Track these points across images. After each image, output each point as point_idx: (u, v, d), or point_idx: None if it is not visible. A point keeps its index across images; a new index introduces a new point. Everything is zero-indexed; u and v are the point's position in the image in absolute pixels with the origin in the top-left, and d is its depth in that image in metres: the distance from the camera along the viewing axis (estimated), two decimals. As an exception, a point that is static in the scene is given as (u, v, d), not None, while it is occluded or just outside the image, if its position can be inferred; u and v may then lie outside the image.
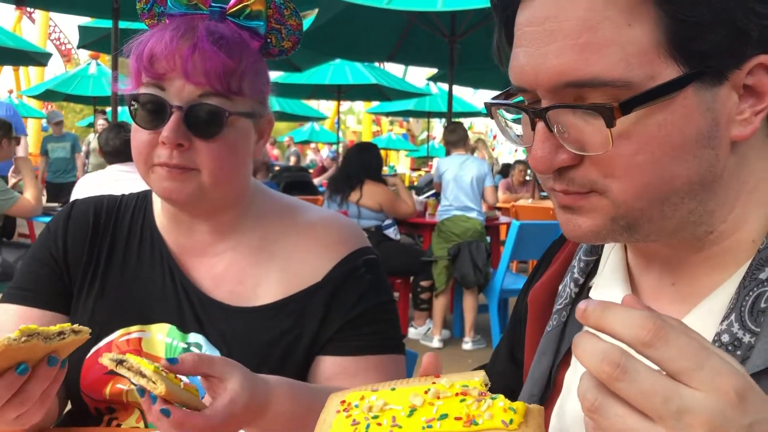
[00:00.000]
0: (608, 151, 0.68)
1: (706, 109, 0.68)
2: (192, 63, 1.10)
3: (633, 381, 0.50)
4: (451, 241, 5.50)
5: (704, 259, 0.77)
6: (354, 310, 1.23)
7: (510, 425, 0.62)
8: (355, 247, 1.27)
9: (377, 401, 0.69)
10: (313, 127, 22.64)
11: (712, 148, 0.70)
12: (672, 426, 0.50)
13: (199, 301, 1.23)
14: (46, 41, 27.91)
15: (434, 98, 15.66)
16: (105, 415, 1.25)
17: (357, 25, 6.94)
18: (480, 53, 7.01)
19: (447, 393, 0.68)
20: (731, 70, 0.68)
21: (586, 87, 0.67)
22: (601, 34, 0.66)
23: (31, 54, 10.27)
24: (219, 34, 1.13)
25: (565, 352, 0.88)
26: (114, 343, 1.22)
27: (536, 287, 0.96)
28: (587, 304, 0.53)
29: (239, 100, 1.16)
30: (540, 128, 0.71)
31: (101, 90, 14.24)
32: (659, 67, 0.66)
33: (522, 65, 0.71)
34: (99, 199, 1.34)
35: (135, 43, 1.15)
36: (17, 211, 4.85)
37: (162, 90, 1.13)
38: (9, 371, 0.87)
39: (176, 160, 1.13)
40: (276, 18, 1.20)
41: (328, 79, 11.84)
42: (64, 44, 32.19)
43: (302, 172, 9.42)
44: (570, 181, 0.72)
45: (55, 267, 1.27)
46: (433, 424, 0.65)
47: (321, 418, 0.73)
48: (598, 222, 0.73)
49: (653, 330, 0.50)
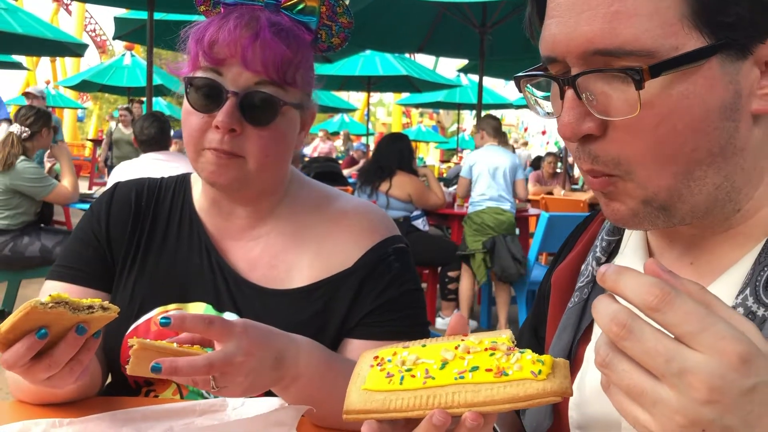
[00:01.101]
0: (632, 120, 0.70)
1: (728, 82, 0.70)
2: (252, 51, 1.13)
3: (637, 341, 0.54)
4: (486, 234, 5.42)
5: (726, 239, 0.78)
6: (382, 297, 1.26)
7: (539, 375, 0.65)
8: (385, 235, 1.31)
9: (410, 356, 0.72)
10: (343, 119, 22.71)
11: (733, 120, 0.71)
12: (674, 384, 0.53)
13: (234, 282, 1.28)
14: (83, 33, 28.38)
15: (464, 90, 15.58)
16: (143, 387, 1.31)
17: (388, 16, 6.94)
18: (511, 44, 6.97)
19: (477, 348, 0.71)
20: (755, 44, 0.70)
21: (614, 55, 0.70)
22: (630, 3, 0.69)
23: (68, 45, 10.45)
24: (280, 25, 1.16)
25: (586, 327, 0.90)
26: (152, 320, 1.27)
27: (560, 268, 0.99)
28: (607, 268, 0.57)
29: (292, 91, 1.20)
30: (569, 96, 0.73)
31: (135, 81, 14.46)
32: (684, 38, 0.68)
33: (554, 34, 0.74)
34: (140, 182, 1.39)
35: (194, 28, 1.18)
36: (55, 197, 4.98)
37: (219, 75, 1.16)
38: (31, 333, 0.91)
39: (227, 146, 1.16)
40: (328, 15, 1.23)
41: (358, 71, 11.85)
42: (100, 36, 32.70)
43: (331, 162, 9.47)
44: (595, 158, 0.75)
45: (98, 247, 1.33)
46: (465, 375, 0.68)
47: (355, 372, 0.76)
48: (632, 206, 0.76)
49: (660, 295, 0.53)
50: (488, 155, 5.67)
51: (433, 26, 7.58)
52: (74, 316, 0.91)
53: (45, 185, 4.88)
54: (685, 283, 0.56)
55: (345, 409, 0.72)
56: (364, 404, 0.71)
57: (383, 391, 0.71)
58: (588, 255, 0.95)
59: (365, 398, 0.71)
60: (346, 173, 10.14)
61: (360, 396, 0.72)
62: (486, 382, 0.67)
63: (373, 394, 0.71)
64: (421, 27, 7.62)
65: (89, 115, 30.91)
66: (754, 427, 0.52)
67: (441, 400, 0.67)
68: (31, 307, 0.87)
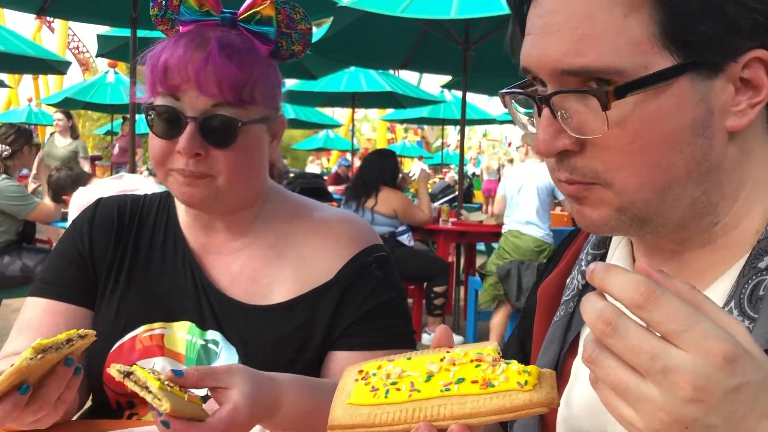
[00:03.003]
0: (605, 137, 0.71)
1: (699, 99, 0.71)
2: (205, 75, 1.14)
3: (622, 338, 0.54)
4: (504, 258, 5.14)
5: (708, 252, 0.79)
6: (365, 306, 1.26)
7: (525, 386, 0.65)
8: (366, 244, 1.31)
9: (395, 369, 0.72)
10: (328, 135, 22.72)
11: (707, 137, 0.72)
12: (659, 382, 0.53)
13: (216, 299, 1.27)
14: (65, 50, 28.26)
15: (448, 105, 15.65)
16: (126, 410, 1.29)
17: (371, 33, 6.97)
18: (494, 61, 7.02)
19: (462, 360, 0.71)
20: (726, 62, 0.71)
21: (584, 74, 0.71)
22: (597, 24, 0.70)
23: (51, 62, 10.39)
24: (230, 45, 1.16)
25: (572, 341, 0.90)
26: (138, 338, 1.26)
27: (545, 282, 0.99)
28: (595, 266, 0.57)
29: (252, 108, 1.20)
30: (545, 114, 0.75)
31: (119, 98, 14.38)
32: (653, 57, 0.70)
33: (529, 51, 0.76)
34: (123, 199, 1.39)
35: (149, 53, 1.19)
36: (37, 216, 4.93)
37: (177, 100, 1.17)
38: (12, 391, 0.90)
39: (192, 168, 1.17)
40: (286, 23, 1.24)
41: (342, 87, 11.87)
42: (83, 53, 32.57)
43: (317, 179, 9.46)
44: (573, 169, 0.76)
45: (81, 263, 1.32)
46: (450, 388, 0.68)
47: (339, 387, 0.76)
48: (604, 213, 0.76)
49: (646, 293, 0.54)
50: (521, 172, 5.40)
51: (417, 43, 7.62)
52: (59, 355, 0.90)
53: (27, 203, 4.82)
54: (675, 282, 0.57)
55: (329, 424, 0.72)
56: (348, 419, 0.70)
57: (368, 405, 0.70)
58: (573, 269, 0.95)
59: (350, 412, 0.71)
60: (332, 189, 10.14)
61: (345, 410, 0.71)
62: (472, 394, 0.67)
63: (358, 408, 0.71)
64: (404, 44, 7.67)
65: (72, 133, 30.75)
66: (737, 426, 0.53)
67: (427, 413, 0.67)
68: (23, 368, 0.86)
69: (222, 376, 0.98)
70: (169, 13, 1.24)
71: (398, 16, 5.65)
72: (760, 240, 0.75)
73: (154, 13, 1.24)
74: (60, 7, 6.66)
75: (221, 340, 1.25)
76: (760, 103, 0.73)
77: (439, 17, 5.85)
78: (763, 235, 0.75)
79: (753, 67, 0.71)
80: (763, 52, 0.71)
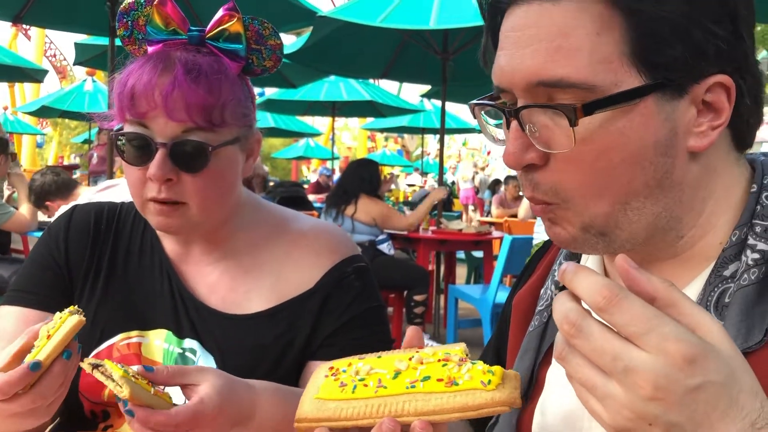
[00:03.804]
0: (571, 153, 0.73)
1: (664, 119, 0.73)
2: (172, 100, 1.12)
3: (586, 339, 0.57)
4: None
5: (674, 264, 0.82)
6: (344, 316, 1.26)
7: (488, 386, 0.67)
8: (345, 255, 1.31)
9: (364, 366, 0.74)
10: (308, 143, 22.70)
11: (669, 156, 0.75)
12: (621, 381, 0.56)
13: (194, 308, 1.27)
14: (42, 58, 27.97)
15: (428, 114, 15.73)
16: (100, 422, 1.27)
17: (351, 42, 6.99)
18: (472, 70, 7.07)
19: (430, 359, 0.73)
20: (690, 84, 0.73)
21: (556, 87, 0.73)
22: (572, 40, 0.72)
23: (27, 70, 10.28)
24: (197, 68, 1.14)
25: (546, 350, 0.91)
26: (115, 347, 1.25)
27: (521, 292, 1.01)
28: (567, 266, 0.60)
29: (223, 131, 1.18)
30: (513, 127, 0.77)
31: (97, 107, 14.26)
32: (623, 75, 0.72)
33: (502, 66, 0.78)
34: (99, 206, 1.38)
35: (117, 80, 1.17)
36: (12, 226, 4.86)
37: (146, 127, 1.15)
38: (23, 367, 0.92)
39: (165, 194, 1.16)
40: (255, 39, 1.22)
41: (322, 96, 11.89)
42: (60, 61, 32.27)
43: (297, 187, 9.45)
44: (535, 185, 0.78)
45: (57, 270, 1.30)
46: (416, 385, 0.70)
47: (309, 383, 0.78)
48: (571, 231, 0.79)
49: (608, 296, 0.56)
50: None
51: (397, 53, 7.66)
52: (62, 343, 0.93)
53: (2, 213, 4.76)
54: (653, 279, 0.58)
55: (296, 418, 0.74)
56: (316, 413, 0.72)
57: (336, 400, 0.72)
58: (547, 279, 0.97)
59: (317, 407, 0.73)
60: (312, 198, 10.13)
61: (312, 405, 0.73)
62: (436, 392, 0.68)
63: (325, 403, 0.72)
64: (384, 53, 7.70)
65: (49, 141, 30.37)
66: (701, 423, 0.55)
67: (391, 409, 0.69)
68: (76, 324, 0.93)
69: (193, 373, 0.98)
70: (135, 32, 1.21)
71: (377, 26, 5.68)
72: (725, 249, 0.78)
73: (121, 33, 1.22)
74: (36, 15, 6.59)
75: (199, 349, 1.24)
76: (721, 126, 0.75)
77: (419, 28, 5.89)
78: (728, 244, 0.78)
79: (715, 92, 0.74)
80: (724, 78, 0.74)
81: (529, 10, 0.75)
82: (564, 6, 0.73)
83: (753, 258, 0.75)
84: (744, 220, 0.78)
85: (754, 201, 0.79)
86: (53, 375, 0.95)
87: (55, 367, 0.95)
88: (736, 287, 0.74)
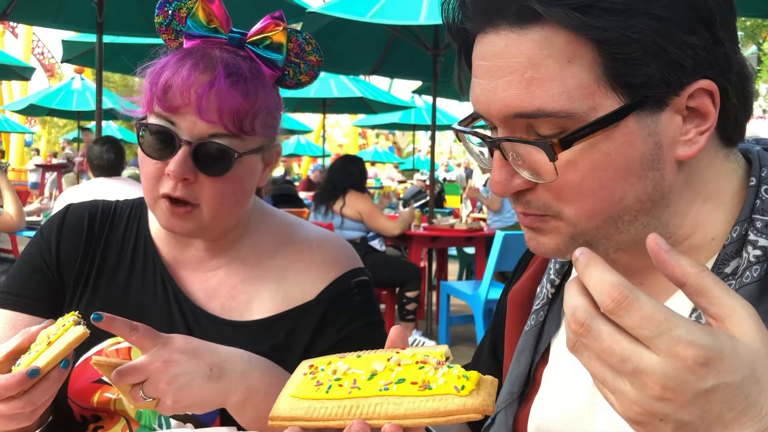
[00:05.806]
0: (557, 181, 0.73)
1: (647, 135, 0.72)
2: (207, 100, 1.09)
3: (595, 339, 0.56)
4: None
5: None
6: (343, 331, 1.25)
7: (461, 391, 0.67)
8: (347, 268, 1.29)
9: (342, 365, 0.74)
10: (299, 141, 22.66)
11: (657, 169, 0.74)
12: (630, 381, 0.55)
13: (191, 312, 1.25)
14: (30, 56, 27.77)
15: (419, 111, 15.74)
16: (90, 424, 1.26)
17: (341, 38, 6.97)
18: (464, 66, 7.07)
19: (408, 361, 0.73)
20: (670, 97, 0.72)
21: (533, 118, 0.72)
22: (543, 69, 0.71)
23: (15, 69, 10.21)
24: (238, 72, 1.11)
25: (543, 350, 0.90)
26: (104, 351, 1.23)
27: (514, 289, 0.99)
28: (581, 253, 0.58)
29: (249, 139, 1.16)
30: (496, 156, 0.76)
31: (85, 104, 14.17)
32: (600, 98, 0.71)
33: (477, 95, 0.77)
34: (93, 205, 1.35)
35: (151, 67, 1.14)
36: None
37: (173, 123, 1.12)
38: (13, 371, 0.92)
39: (179, 193, 1.13)
40: (296, 52, 1.20)
41: (313, 93, 11.86)
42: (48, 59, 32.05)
43: (288, 185, 9.44)
44: (527, 203, 0.78)
45: (47, 273, 1.28)
46: (389, 387, 0.69)
47: (290, 380, 0.78)
48: (558, 241, 0.79)
49: (617, 300, 0.55)
50: None
51: (387, 49, 7.65)
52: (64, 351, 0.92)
53: (-12, 213, 4.72)
54: (684, 264, 0.57)
55: (271, 415, 0.74)
56: (289, 411, 0.72)
57: (309, 399, 0.72)
58: (542, 277, 0.95)
59: (292, 405, 0.73)
60: (303, 195, 10.11)
61: (287, 403, 0.73)
62: (409, 396, 0.68)
63: (300, 402, 0.72)
64: (375, 49, 7.69)
65: (37, 140, 30.19)
66: (714, 423, 0.54)
67: (363, 411, 0.68)
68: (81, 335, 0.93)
69: (142, 327, 1.01)
70: (174, 23, 1.18)
71: (367, 21, 5.66)
72: (725, 246, 0.77)
73: (159, 21, 1.19)
74: (23, 12, 6.54)
75: (193, 353, 1.22)
76: (708, 130, 0.74)
77: (408, 23, 5.87)
78: (728, 240, 0.76)
79: (699, 97, 0.73)
80: (706, 83, 0.72)
81: (497, 38, 0.73)
82: (530, 36, 0.71)
83: (755, 255, 0.74)
84: (744, 215, 0.77)
85: (753, 195, 0.78)
86: (49, 383, 0.94)
87: (51, 375, 0.94)
88: (738, 285, 0.73)
